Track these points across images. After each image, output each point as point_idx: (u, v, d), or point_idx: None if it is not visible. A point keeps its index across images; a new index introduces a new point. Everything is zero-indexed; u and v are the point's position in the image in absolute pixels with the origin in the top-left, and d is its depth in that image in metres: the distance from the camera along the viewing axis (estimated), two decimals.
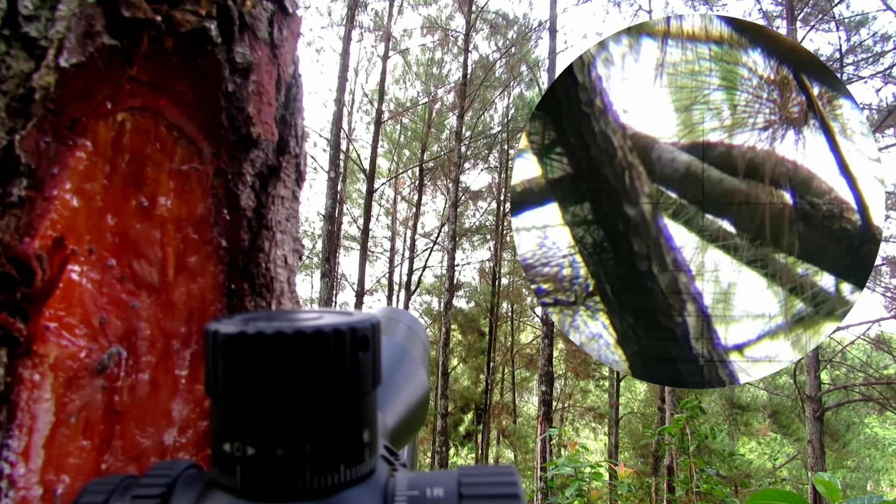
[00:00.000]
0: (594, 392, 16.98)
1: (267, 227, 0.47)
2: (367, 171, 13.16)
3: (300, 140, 0.51)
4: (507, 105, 16.14)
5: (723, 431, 4.95)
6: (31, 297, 0.38)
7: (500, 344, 16.77)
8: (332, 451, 0.25)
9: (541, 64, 13.21)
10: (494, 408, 15.59)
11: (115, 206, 0.43)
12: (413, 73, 16.51)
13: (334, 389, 0.25)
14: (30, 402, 0.38)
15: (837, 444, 12.41)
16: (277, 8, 0.50)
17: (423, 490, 0.26)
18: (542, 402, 9.33)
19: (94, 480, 0.29)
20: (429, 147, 16.31)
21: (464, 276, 17.75)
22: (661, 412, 10.86)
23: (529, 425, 16.18)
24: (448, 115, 15.95)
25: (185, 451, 0.43)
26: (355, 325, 0.26)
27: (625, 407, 16.12)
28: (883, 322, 8.77)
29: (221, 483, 0.26)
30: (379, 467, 0.28)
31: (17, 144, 0.38)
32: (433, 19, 14.97)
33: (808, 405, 7.95)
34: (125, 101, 0.43)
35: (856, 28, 9.78)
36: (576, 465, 4.25)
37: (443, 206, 17.19)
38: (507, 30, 14.17)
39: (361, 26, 13.66)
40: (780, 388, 12.81)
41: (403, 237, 17.98)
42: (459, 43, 13.65)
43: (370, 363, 0.27)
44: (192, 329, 0.44)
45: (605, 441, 15.62)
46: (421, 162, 15.72)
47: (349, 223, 16.70)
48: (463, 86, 11.92)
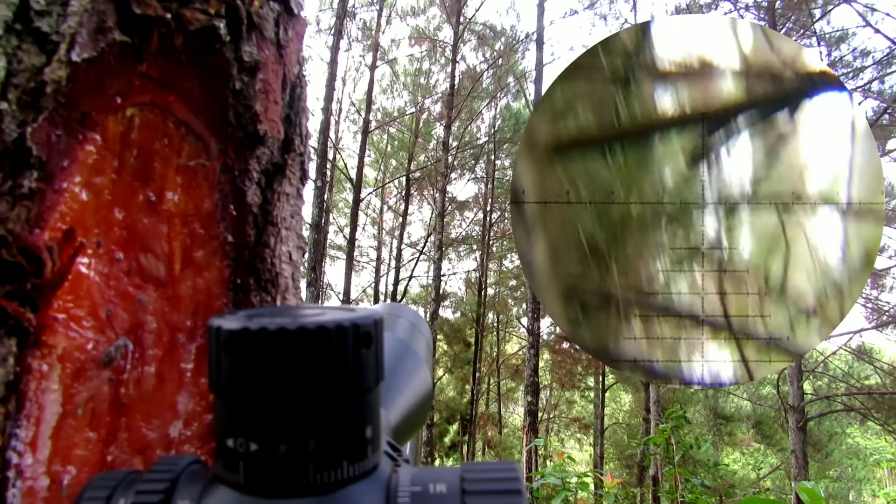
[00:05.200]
0: (580, 403, 17.01)
1: (272, 223, 0.47)
2: (354, 181, 13.16)
3: (304, 139, 0.52)
4: (493, 116, 16.23)
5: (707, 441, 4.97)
6: (40, 287, 0.38)
7: (486, 354, 16.76)
8: (335, 447, 0.25)
9: (528, 75, 13.31)
10: (480, 418, 15.56)
11: (123, 200, 0.43)
12: (401, 83, 16.57)
13: (337, 385, 0.25)
14: (38, 392, 0.38)
15: (820, 454, 12.50)
16: (283, 9, 0.51)
17: (425, 486, 0.26)
18: (528, 412, 9.34)
19: (98, 476, 0.29)
20: (416, 157, 16.35)
21: (450, 287, 17.76)
22: (647, 422, 10.90)
23: (515, 436, 16.16)
24: (435, 125, 16.01)
25: (191, 443, 0.43)
26: (358, 322, 0.26)
27: (610, 417, 16.15)
28: (864, 333, 8.89)
29: (225, 479, 0.26)
30: (382, 463, 0.28)
31: (28, 137, 0.38)
32: (421, 30, 15.05)
33: (791, 415, 8.02)
34: (134, 96, 0.43)
35: (836, 44, 9.97)
36: (562, 475, 4.26)
37: (429, 216, 17.22)
38: (495, 41, 14.28)
39: (350, 36, 13.72)
40: (764, 399, 12.92)
41: (390, 247, 17.97)
42: (447, 53, 13.73)
43: (373, 359, 0.27)
44: (198, 323, 0.44)
45: (590, 452, 15.64)
46: (408, 172, 15.75)
47: (335, 232, 16.68)
48: (450, 96, 11.98)
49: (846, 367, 10.87)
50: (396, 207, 17.54)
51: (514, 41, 14.12)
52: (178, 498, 0.26)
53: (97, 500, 0.28)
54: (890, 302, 9.14)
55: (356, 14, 13.82)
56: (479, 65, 14.52)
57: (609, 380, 15.00)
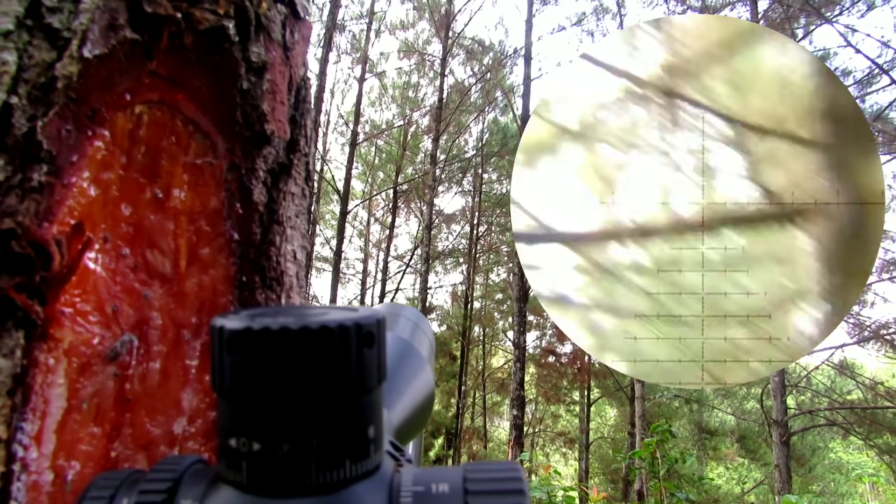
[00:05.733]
0: (565, 417, 16.99)
1: (278, 221, 0.47)
2: (341, 193, 13.15)
3: (309, 140, 0.52)
4: (481, 129, 16.32)
5: (692, 456, 4.99)
6: (48, 280, 0.38)
7: (472, 368, 16.72)
8: (338, 446, 0.26)
9: (515, 90, 13.41)
10: (465, 432, 15.50)
11: (131, 196, 0.43)
12: (389, 96, 16.62)
13: (339, 385, 0.25)
14: (44, 386, 0.38)
15: (803, 468, 12.57)
16: (290, 12, 0.52)
17: (428, 486, 0.26)
18: (514, 426, 9.32)
19: (101, 475, 0.29)
20: (403, 169, 16.38)
21: (436, 300, 17.75)
22: (632, 437, 10.91)
23: (500, 450, 16.10)
24: (423, 138, 16.06)
25: (194, 440, 0.43)
26: (360, 321, 0.26)
27: (595, 432, 16.15)
28: (846, 348, 8.98)
29: (227, 478, 0.26)
30: (384, 463, 0.28)
31: (38, 131, 0.39)
32: (410, 43, 15.13)
33: (774, 430, 8.07)
34: (144, 94, 0.44)
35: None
36: (548, 489, 4.25)
37: (416, 229, 17.23)
38: (483, 56, 14.38)
39: (339, 48, 13.76)
40: (748, 413, 12.98)
41: (376, 259, 17.94)
42: (436, 67, 13.82)
43: (375, 359, 0.27)
44: (203, 320, 0.44)
45: (575, 466, 15.60)
46: (395, 184, 15.77)
47: (322, 244, 16.62)
48: (438, 109, 12.05)
49: (829, 382, 10.96)
50: (383, 220, 17.54)
51: (502, 56, 14.24)
52: (181, 497, 0.26)
53: (100, 500, 0.27)
54: (871, 317, 9.24)
55: (345, 27, 13.89)
56: (467, 79, 14.63)
57: (595, 394, 15.02)
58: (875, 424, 8.81)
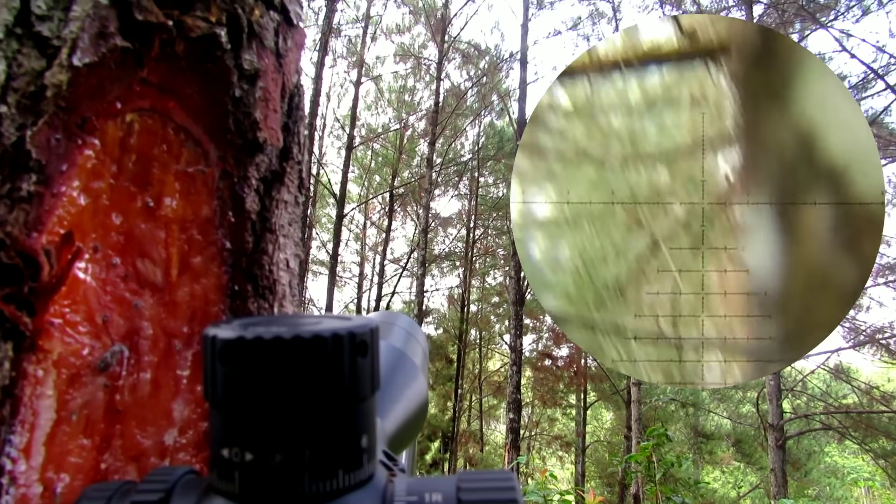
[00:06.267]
0: (561, 420, 16.98)
1: (270, 230, 0.47)
2: (338, 196, 13.14)
3: (302, 148, 0.52)
4: (477, 133, 16.34)
5: (688, 460, 4.99)
6: (37, 291, 0.38)
7: (469, 371, 16.71)
8: (331, 456, 0.25)
9: (511, 94, 13.45)
10: (462, 435, 15.47)
11: (121, 205, 0.43)
12: (385, 100, 16.62)
13: (333, 395, 0.25)
14: (33, 397, 0.37)
15: (799, 472, 12.59)
16: (283, 19, 0.52)
17: (421, 495, 0.26)
18: (510, 429, 9.31)
19: (92, 486, 0.29)
20: (400, 173, 16.37)
21: (433, 303, 17.72)
22: (628, 440, 10.91)
23: (497, 454, 16.08)
24: (419, 141, 16.07)
25: (186, 451, 0.43)
26: (354, 330, 0.26)
27: (591, 435, 16.14)
28: (841, 352, 8.99)
29: (220, 488, 0.26)
30: (377, 472, 0.28)
31: (27, 140, 0.38)
32: (406, 47, 15.15)
33: (770, 434, 8.07)
34: (134, 102, 0.43)
35: None
36: (545, 493, 4.24)
37: (412, 232, 17.22)
38: (479, 60, 14.40)
39: (335, 52, 13.77)
40: (744, 417, 13.00)
41: (372, 263, 17.93)
42: (432, 71, 13.83)
43: (369, 368, 0.27)
44: (195, 329, 0.44)
45: (571, 470, 15.59)
46: (391, 188, 15.76)
47: (318, 248, 16.62)
48: (435, 113, 12.05)
49: (824, 386, 10.99)
50: (380, 223, 17.53)
51: (498, 60, 14.26)
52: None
53: None
54: (867, 322, 9.27)
55: (341, 31, 13.89)
56: (463, 83, 14.64)
57: (591, 397, 15.02)
58: (870, 429, 8.83)
